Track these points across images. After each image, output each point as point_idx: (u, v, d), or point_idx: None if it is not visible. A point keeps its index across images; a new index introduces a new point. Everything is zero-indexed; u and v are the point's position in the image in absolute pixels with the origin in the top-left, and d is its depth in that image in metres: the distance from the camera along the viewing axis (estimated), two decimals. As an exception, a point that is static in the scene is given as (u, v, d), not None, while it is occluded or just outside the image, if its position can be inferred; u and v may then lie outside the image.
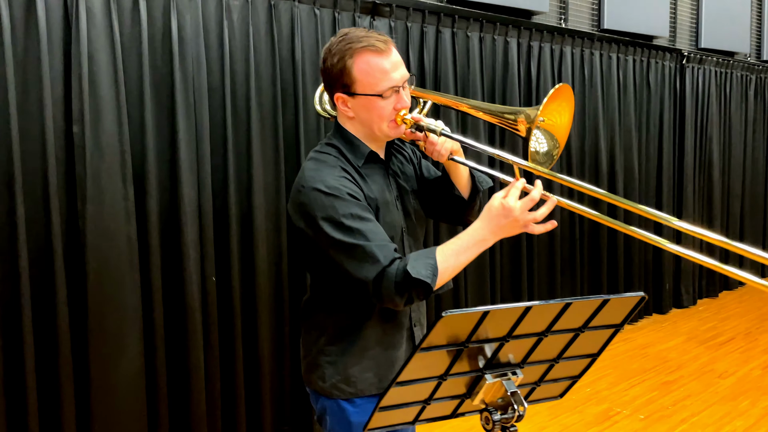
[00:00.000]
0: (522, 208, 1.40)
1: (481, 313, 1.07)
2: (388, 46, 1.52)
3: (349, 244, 1.44)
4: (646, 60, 5.30)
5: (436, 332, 1.06)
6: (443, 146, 1.61)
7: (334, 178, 1.49)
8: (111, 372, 2.56)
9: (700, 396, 3.68)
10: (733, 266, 1.34)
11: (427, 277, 1.39)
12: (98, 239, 2.51)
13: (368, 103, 1.52)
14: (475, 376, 1.19)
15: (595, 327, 1.25)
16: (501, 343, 1.15)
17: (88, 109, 2.46)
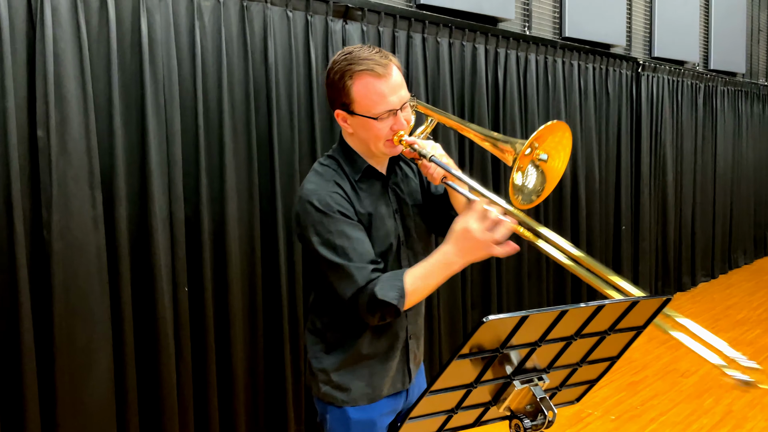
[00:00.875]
0: (481, 229, 1.40)
1: (519, 317, 1.05)
2: (387, 70, 1.54)
3: (332, 261, 1.52)
4: (605, 68, 5.43)
5: (475, 338, 1.03)
6: (435, 170, 1.63)
7: (327, 193, 1.56)
8: (79, 388, 2.43)
9: (666, 395, 3.76)
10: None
11: (394, 299, 1.47)
12: (65, 249, 2.39)
13: (365, 123, 1.57)
14: (502, 383, 1.16)
15: (621, 329, 1.24)
16: (532, 349, 1.12)
17: (53, 112, 2.34)
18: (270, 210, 3.06)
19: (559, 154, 1.54)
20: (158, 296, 2.64)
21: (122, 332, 2.55)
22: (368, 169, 1.64)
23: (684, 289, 6.51)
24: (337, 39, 3.32)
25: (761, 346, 4.63)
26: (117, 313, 2.54)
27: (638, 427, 3.36)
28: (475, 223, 1.41)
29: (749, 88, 7.97)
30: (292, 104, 3.12)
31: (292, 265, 3.13)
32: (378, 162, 1.67)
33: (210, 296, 2.84)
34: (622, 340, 1.29)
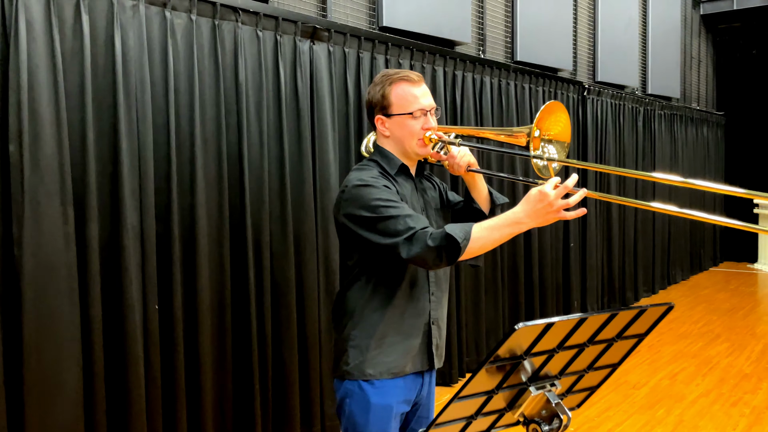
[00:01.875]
0: (557, 194, 1.57)
1: (545, 324, 1.12)
2: (420, 79, 1.88)
3: (380, 217, 1.69)
4: (554, 91, 5.66)
5: (507, 345, 1.09)
6: (462, 159, 1.88)
7: (370, 175, 1.80)
8: (48, 408, 2.36)
9: (620, 407, 3.92)
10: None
11: (459, 237, 1.60)
12: (35, 267, 2.33)
13: (402, 122, 1.85)
14: (518, 390, 1.23)
15: (626, 336, 1.32)
16: (550, 355, 1.19)
17: (26, 127, 2.29)
18: (239, 226, 3.06)
19: (559, 123, 1.80)
20: (128, 314, 2.60)
21: (92, 351, 2.50)
22: (403, 167, 1.89)
23: (627, 303, 6.78)
24: (304, 59, 3.38)
25: (705, 357, 4.87)
26: (87, 332, 2.49)
27: (596, 437, 3.49)
28: (550, 188, 1.57)
29: (684, 112, 8.43)
30: (262, 122, 3.14)
31: (260, 281, 3.13)
32: (410, 165, 1.93)
33: (180, 314, 2.81)
34: (624, 347, 1.37)
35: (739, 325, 5.84)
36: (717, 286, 7.82)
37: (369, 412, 1.78)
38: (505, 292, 4.98)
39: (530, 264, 5.26)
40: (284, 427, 3.24)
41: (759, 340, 5.28)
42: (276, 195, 3.21)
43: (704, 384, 4.28)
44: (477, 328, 4.65)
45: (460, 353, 4.46)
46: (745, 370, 4.55)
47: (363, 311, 1.81)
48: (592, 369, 1.36)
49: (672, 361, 4.80)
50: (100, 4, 2.55)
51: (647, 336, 1.40)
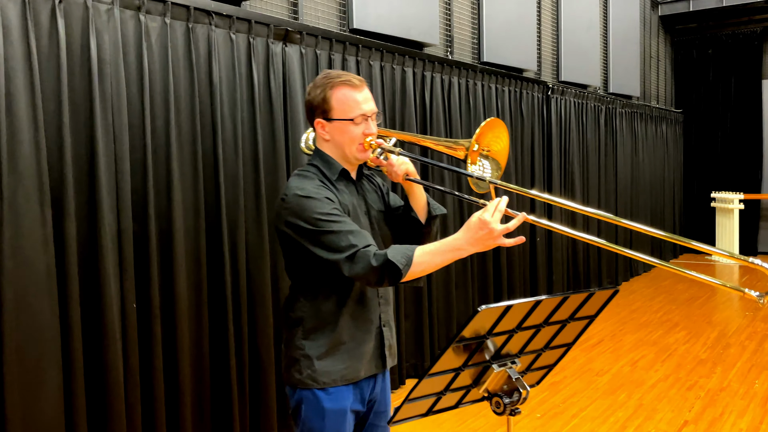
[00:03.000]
0: (495, 220, 1.59)
1: (504, 306, 1.23)
2: (362, 83, 1.85)
3: (324, 231, 1.70)
4: (519, 91, 5.82)
5: (471, 325, 1.20)
6: (400, 167, 1.88)
7: (312, 186, 1.78)
8: (29, 406, 2.40)
9: (584, 393, 4.09)
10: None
11: (400, 263, 1.62)
12: (15, 266, 2.37)
13: (342, 127, 1.82)
14: (482, 367, 1.34)
15: (579, 318, 1.45)
16: (510, 335, 1.31)
17: (3, 129, 2.33)
18: (215, 224, 3.12)
19: (500, 141, 1.85)
20: (107, 312, 2.64)
21: (71, 350, 2.55)
22: (343, 171, 1.87)
23: (592, 296, 6.99)
24: (277, 60, 3.45)
25: (664, 345, 5.09)
26: (66, 330, 2.54)
27: (562, 423, 3.64)
28: (490, 215, 1.58)
29: (643, 110, 8.70)
30: (236, 122, 3.22)
31: (236, 278, 3.20)
32: (351, 169, 1.90)
33: (158, 312, 2.86)
34: (577, 328, 1.50)
35: (697, 313, 6.09)
36: (676, 277, 8.09)
37: (324, 417, 1.78)
38: (475, 285, 5.12)
39: (498, 259, 5.41)
40: (261, 421, 3.32)
41: (714, 328, 5.53)
42: (251, 194, 3.29)
43: (663, 369, 4.48)
44: (448, 321, 4.78)
45: (432, 345, 4.58)
46: (701, 356, 4.77)
47: (312, 320, 1.80)
48: (549, 348, 1.49)
49: (633, 349, 5.00)
50: (75, 8, 2.59)
51: (597, 317, 1.52)
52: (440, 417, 3.71)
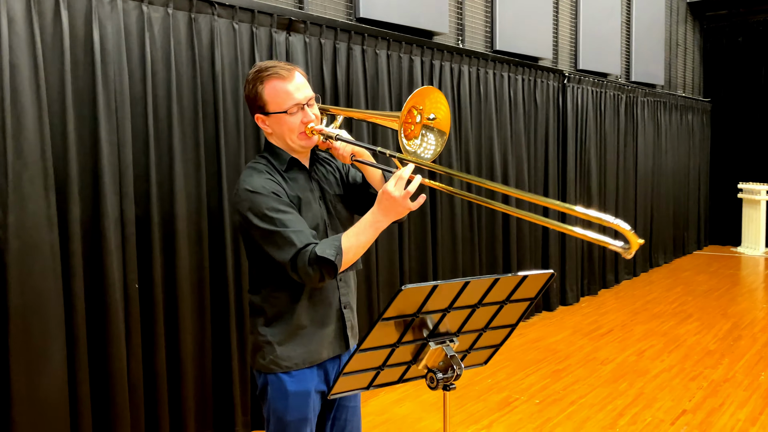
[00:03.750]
0: (398, 188, 1.68)
1: (431, 286, 1.29)
2: (291, 72, 1.85)
3: (270, 230, 1.74)
4: (533, 79, 5.80)
5: (395, 304, 1.26)
6: (345, 150, 1.92)
7: (261, 180, 1.81)
8: (33, 382, 2.54)
9: (586, 380, 4.11)
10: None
11: (331, 255, 1.69)
12: (20, 248, 2.50)
13: (279, 120, 1.85)
14: (420, 344, 1.40)
15: (516, 300, 1.49)
16: (443, 314, 1.36)
17: (8, 117, 2.45)
18: (217, 210, 3.22)
19: (440, 109, 1.84)
20: (109, 292, 2.77)
21: (75, 327, 2.68)
22: (292, 161, 1.90)
23: (608, 285, 6.97)
24: (281, 50, 3.53)
25: (674, 335, 5.06)
26: (70, 309, 2.67)
27: (559, 409, 3.67)
28: (392, 186, 1.69)
29: (668, 99, 8.56)
30: (239, 111, 3.30)
31: (238, 261, 3.30)
32: (300, 156, 1.93)
33: (160, 292, 2.98)
34: (518, 309, 1.54)
35: (712, 305, 6.02)
36: (698, 268, 8.00)
37: (287, 399, 1.85)
38: (482, 272, 5.16)
39: (508, 250, 5.43)
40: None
41: (728, 320, 5.47)
42: (252, 180, 3.37)
43: (669, 360, 4.47)
44: (454, 309, 4.83)
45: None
46: (710, 347, 4.74)
47: (273, 308, 1.86)
48: (490, 328, 1.53)
49: (642, 339, 4.98)
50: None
51: (537, 299, 1.56)
52: (440, 400, 3.78)
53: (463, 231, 4.93)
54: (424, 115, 1.85)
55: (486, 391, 3.97)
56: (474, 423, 3.51)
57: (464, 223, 4.93)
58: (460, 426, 3.47)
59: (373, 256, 4.09)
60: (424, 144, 1.86)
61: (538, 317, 5.75)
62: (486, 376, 4.23)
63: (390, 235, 4.24)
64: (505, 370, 4.32)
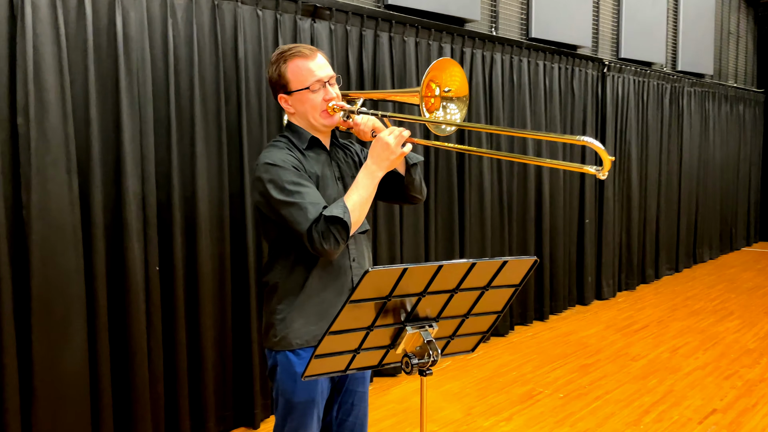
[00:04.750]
0: (391, 135, 1.81)
1: (401, 269, 1.26)
2: (314, 52, 1.91)
3: (289, 202, 1.78)
4: (571, 68, 5.66)
5: (363, 286, 1.24)
6: (365, 125, 1.95)
7: (281, 154, 1.86)
8: (55, 359, 2.62)
9: (614, 376, 4.01)
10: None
11: (338, 213, 1.74)
12: (43, 229, 2.58)
13: (302, 97, 1.90)
14: (397, 328, 1.37)
15: (498, 286, 1.45)
16: (419, 298, 1.33)
17: (32, 101, 2.53)
18: (239, 195, 3.26)
19: (455, 80, 1.91)
20: (130, 274, 2.83)
21: (96, 307, 2.75)
22: (313, 139, 1.94)
23: (648, 281, 6.77)
24: (305, 37, 3.53)
25: (711, 333, 4.88)
26: (91, 289, 2.74)
27: (584, 404, 3.59)
28: (386, 134, 1.81)
29: (717, 89, 8.24)
30: (262, 98, 3.32)
31: (259, 246, 3.33)
32: (321, 136, 1.96)
33: (181, 275, 3.03)
34: (501, 295, 1.50)
35: (756, 303, 5.79)
36: (745, 265, 7.70)
37: (296, 381, 1.87)
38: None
39: (540, 240, 5.33)
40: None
41: (772, 319, 5.25)
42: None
43: (704, 358, 4.31)
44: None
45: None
46: (748, 345, 4.55)
47: (285, 285, 1.88)
48: (473, 315, 1.49)
49: (677, 335, 4.83)
50: (102, -13, 2.76)
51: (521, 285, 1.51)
52: (462, 391, 3.75)
53: (493, 220, 4.86)
54: (442, 88, 1.91)
55: (510, 383, 3.91)
56: (494, 414, 3.46)
57: (494, 212, 4.86)
58: (481, 417, 3.43)
59: (397, 241, 4.07)
60: (448, 114, 1.94)
61: (571, 311, 5.63)
62: (511, 368, 4.17)
63: (416, 229, 4.20)
64: (532, 363, 4.25)
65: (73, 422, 2.68)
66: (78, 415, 2.70)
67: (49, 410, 2.62)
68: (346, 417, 2.08)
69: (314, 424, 1.94)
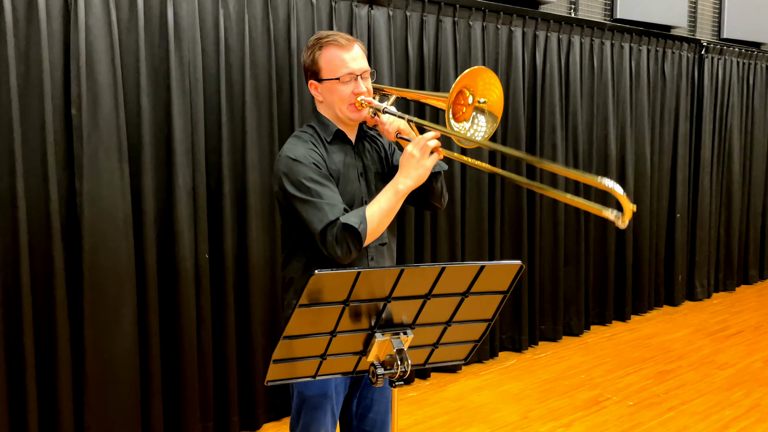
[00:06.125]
0: (417, 146, 1.75)
1: (354, 272, 1.16)
2: (350, 43, 1.86)
3: (305, 200, 1.75)
4: (662, 50, 5.25)
5: (308, 290, 1.15)
6: (390, 125, 1.86)
7: (303, 149, 1.82)
8: (106, 339, 2.72)
9: (694, 385, 3.68)
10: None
11: (355, 222, 1.69)
12: (95, 215, 2.67)
13: (331, 87, 1.85)
14: (367, 334, 1.27)
15: (480, 293, 1.32)
16: (384, 303, 1.23)
17: (85, 92, 2.62)
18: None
19: (492, 92, 1.80)
20: (180, 261, 2.89)
21: (146, 289, 2.83)
22: (338, 133, 1.89)
23: (750, 282, 6.20)
24: (362, 24, 3.46)
25: (817, 342, 4.39)
26: (141, 273, 2.82)
27: (654, 414, 3.32)
28: (411, 146, 1.76)
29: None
30: (315, 87, 3.29)
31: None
32: (347, 129, 1.91)
33: (231, 264, 3.07)
34: (490, 302, 1.35)
35: None
36: None
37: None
38: (591, 263, 4.79)
39: (623, 235, 5.00)
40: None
41: None
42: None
43: (802, 370, 3.88)
44: (555, 298, 4.54)
45: (531, 320, 4.39)
46: None
47: (300, 282, 1.85)
48: (457, 323, 1.35)
49: (775, 344, 4.38)
50: (154, -21, 2.81)
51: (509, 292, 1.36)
52: (522, 392, 3.57)
53: (568, 215, 4.60)
54: (476, 97, 1.81)
55: (576, 386, 3.69)
56: (554, 420, 3.27)
57: (570, 208, 4.60)
58: (538, 421, 3.25)
59: (458, 239, 3.93)
60: (474, 127, 1.83)
61: (657, 312, 5.26)
62: (580, 370, 3.93)
63: (479, 226, 4.04)
64: (604, 367, 3.99)
65: (123, 404, 2.78)
66: (128, 397, 2.79)
67: (101, 392, 2.72)
68: (366, 412, 2.01)
69: (328, 419, 1.89)
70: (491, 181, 4.13)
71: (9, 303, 2.54)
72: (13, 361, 2.56)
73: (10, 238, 2.52)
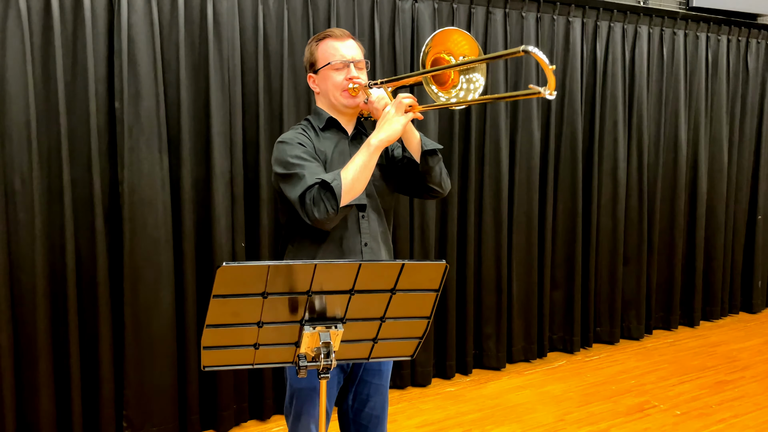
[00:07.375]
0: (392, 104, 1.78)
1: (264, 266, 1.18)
2: (345, 35, 1.96)
3: (288, 174, 1.80)
4: (745, 40, 4.90)
5: (218, 282, 1.18)
6: (379, 102, 1.88)
7: (292, 133, 1.92)
8: (145, 322, 2.88)
9: (753, 398, 3.43)
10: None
11: (329, 178, 1.72)
12: (136, 203, 2.83)
13: (325, 74, 1.94)
14: (299, 326, 1.29)
15: (409, 290, 1.30)
16: (308, 296, 1.23)
17: (127, 87, 2.78)
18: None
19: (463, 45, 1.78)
20: (216, 249, 3.01)
21: (183, 274, 2.97)
22: (331, 120, 1.96)
23: None
24: (405, 17, 3.46)
25: None
26: (179, 259, 2.96)
27: (702, 425, 3.12)
28: (389, 106, 1.78)
29: None
30: (355, 80, 3.32)
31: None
32: (343, 119, 1.97)
33: (266, 252, 3.16)
34: (425, 300, 1.33)
35: None
36: None
37: None
38: (654, 262, 4.55)
39: (693, 234, 4.71)
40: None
41: None
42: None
43: None
44: (612, 298, 4.35)
45: (584, 319, 4.23)
46: None
47: (296, 259, 1.88)
48: (391, 318, 1.33)
49: None
50: (195, -22, 2.94)
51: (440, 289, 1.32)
52: (564, 394, 3.46)
53: (629, 212, 4.40)
54: (456, 58, 1.80)
55: (622, 392, 3.53)
56: (590, 424, 3.15)
57: (631, 203, 4.39)
58: (573, 425, 3.14)
59: (504, 231, 3.85)
60: (471, 84, 1.81)
61: (732, 318, 4.93)
62: (632, 375, 3.76)
63: (528, 217, 3.94)
64: (657, 373, 3.79)
65: (161, 381, 2.94)
66: (166, 376, 2.94)
67: (139, 370, 2.89)
68: (362, 407, 2.03)
69: (318, 410, 1.92)
70: (542, 175, 4.01)
71: (55, 283, 2.75)
72: (58, 338, 2.77)
73: (57, 223, 2.72)
